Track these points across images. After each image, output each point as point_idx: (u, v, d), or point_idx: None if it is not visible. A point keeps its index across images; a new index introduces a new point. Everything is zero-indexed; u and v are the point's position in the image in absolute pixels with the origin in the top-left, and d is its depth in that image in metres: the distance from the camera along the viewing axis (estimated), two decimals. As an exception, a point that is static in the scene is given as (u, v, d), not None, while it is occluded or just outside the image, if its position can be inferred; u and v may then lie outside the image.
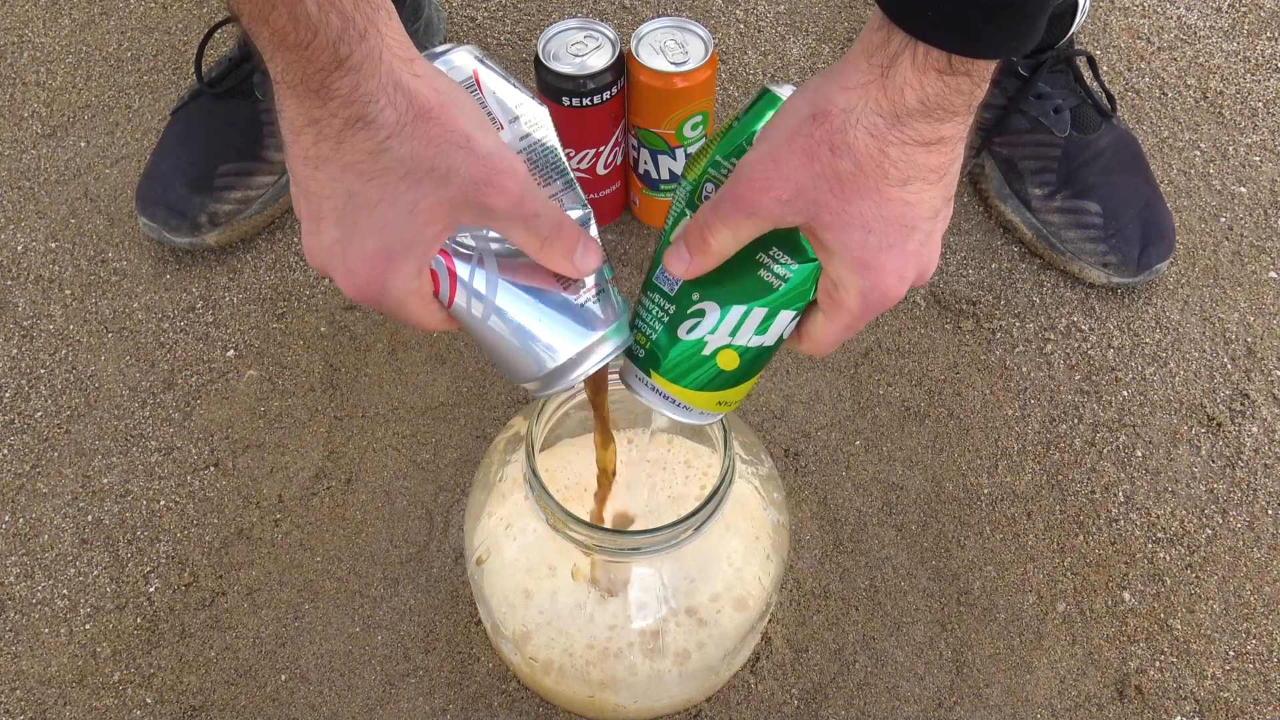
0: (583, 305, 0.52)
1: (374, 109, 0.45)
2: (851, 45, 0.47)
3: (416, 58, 0.47)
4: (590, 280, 0.52)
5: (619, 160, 0.95)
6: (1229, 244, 0.99)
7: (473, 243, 0.51)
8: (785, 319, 0.53)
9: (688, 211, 0.53)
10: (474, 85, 0.51)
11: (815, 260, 0.51)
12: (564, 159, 0.54)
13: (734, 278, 0.52)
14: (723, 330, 0.53)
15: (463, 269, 0.51)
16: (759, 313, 0.52)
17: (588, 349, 0.52)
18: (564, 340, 0.52)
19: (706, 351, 0.53)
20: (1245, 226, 1.00)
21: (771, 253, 0.51)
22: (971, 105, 0.46)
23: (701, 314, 0.53)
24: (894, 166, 0.46)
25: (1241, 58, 1.13)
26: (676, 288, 0.53)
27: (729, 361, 0.54)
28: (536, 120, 0.52)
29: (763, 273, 0.52)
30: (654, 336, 0.54)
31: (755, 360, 0.54)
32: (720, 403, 0.56)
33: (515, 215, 0.48)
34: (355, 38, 0.44)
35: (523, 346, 0.52)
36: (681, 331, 0.53)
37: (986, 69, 0.45)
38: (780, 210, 0.47)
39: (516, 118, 0.52)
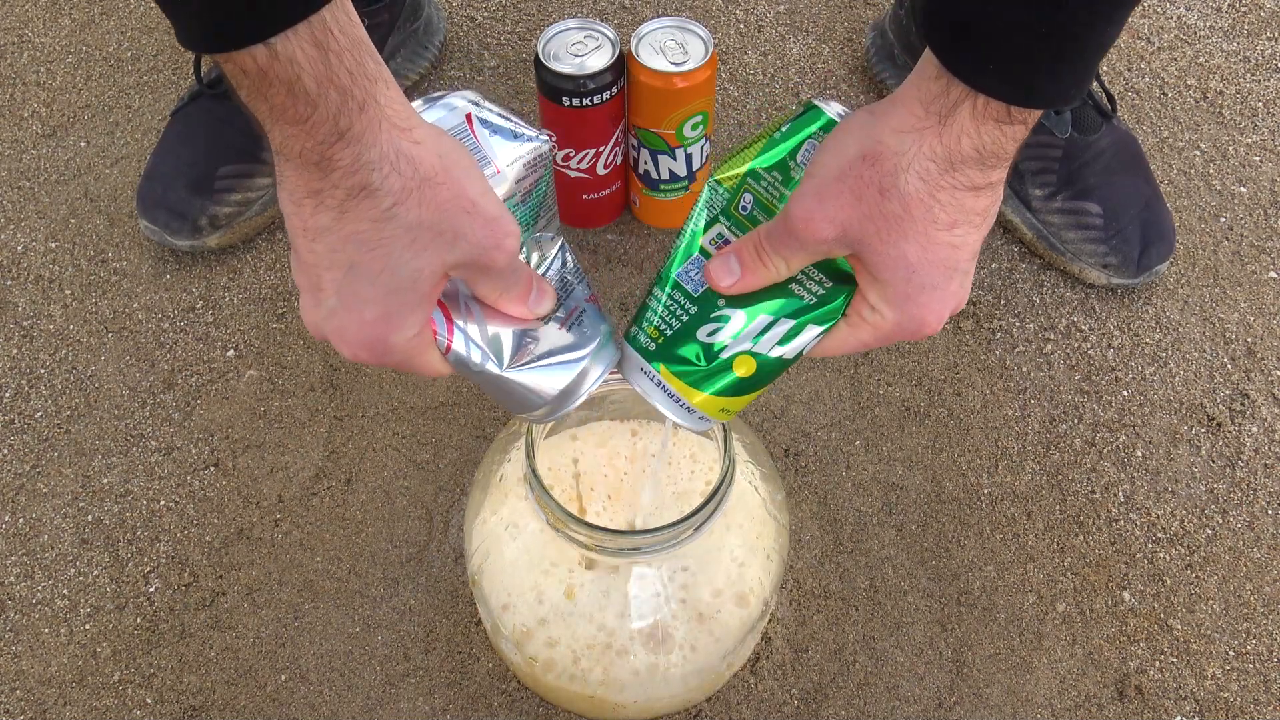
0: (561, 334, 0.53)
1: (378, 177, 0.45)
2: (902, 86, 0.47)
3: (416, 125, 0.47)
4: (561, 312, 0.54)
5: (619, 160, 0.95)
6: (1229, 244, 0.99)
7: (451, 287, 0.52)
8: (811, 334, 0.53)
9: (722, 219, 0.53)
10: (466, 129, 0.52)
11: (853, 284, 0.51)
12: (551, 195, 0.56)
13: (767, 289, 0.52)
14: (745, 337, 0.53)
15: (458, 316, 0.52)
16: (785, 324, 0.52)
17: (576, 379, 0.53)
18: (552, 377, 0.53)
19: (725, 356, 0.53)
20: (1245, 226, 1.00)
21: (808, 270, 0.52)
22: (1018, 149, 0.47)
23: (725, 319, 0.53)
24: (943, 211, 0.47)
25: (1241, 58, 1.13)
26: (702, 289, 0.53)
27: (746, 368, 0.54)
28: (532, 161, 0.54)
29: (796, 288, 0.52)
30: (669, 333, 0.54)
31: (772, 370, 0.54)
32: (723, 409, 0.56)
33: (505, 275, 0.50)
34: (355, 110, 0.44)
35: (515, 390, 0.53)
36: (702, 334, 0.53)
37: (1038, 114, 0.46)
38: (826, 247, 0.48)
39: (513, 161, 0.53)
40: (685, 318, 0.54)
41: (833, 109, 0.51)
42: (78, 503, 0.84)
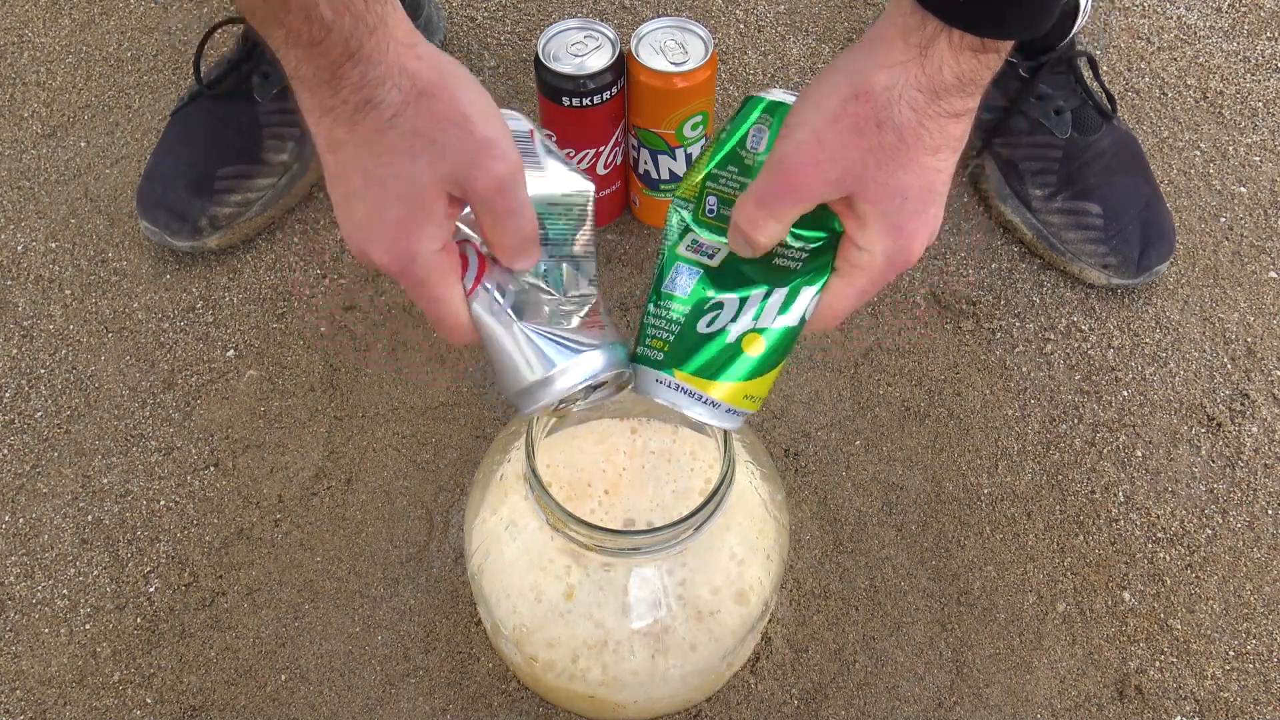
0: (581, 328, 0.54)
1: (381, 92, 0.48)
2: (877, 24, 0.50)
3: (420, 43, 0.50)
4: (585, 313, 0.55)
5: (619, 160, 0.95)
6: (1229, 244, 0.99)
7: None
8: (807, 295, 0.54)
9: (694, 228, 0.54)
10: (529, 139, 0.54)
11: (834, 232, 0.52)
12: (589, 235, 0.57)
13: (752, 266, 0.53)
14: (745, 316, 0.54)
15: (490, 270, 0.53)
16: (780, 293, 0.53)
17: (577, 362, 0.53)
18: (557, 351, 0.53)
19: (731, 339, 0.54)
20: (1245, 226, 1.00)
21: (786, 239, 0.53)
22: (992, 76, 0.50)
23: (720, 306, 0.54)
24: (930, 137, 0.49)
25: (1241, 58, 1.13)
26: (690, 288, 0.54)
27: (755, 346, 0.54)
28: (573, 195, 0.55)
29: (778, 260, 0.53)
30: (671, 339, 0.55)
31: (782, 343, 0.54)
32: (747, 397, 0.56)
33: (492, 202, 0.51)
34: (365, 33, 0.48)
35: (524, 350, 0.53)
36: (702, 326, 0.54)
37: (1011, 45, 0.49)
38: (827, 189, 0.50)
39: (565, 175, 0.55)
40: (682, 319, 0.54)
41: (772, 93, 0.53)
42: (78, 503, 0.84)
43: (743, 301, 0.53)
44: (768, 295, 0.53)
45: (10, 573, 0.81)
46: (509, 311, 0.53)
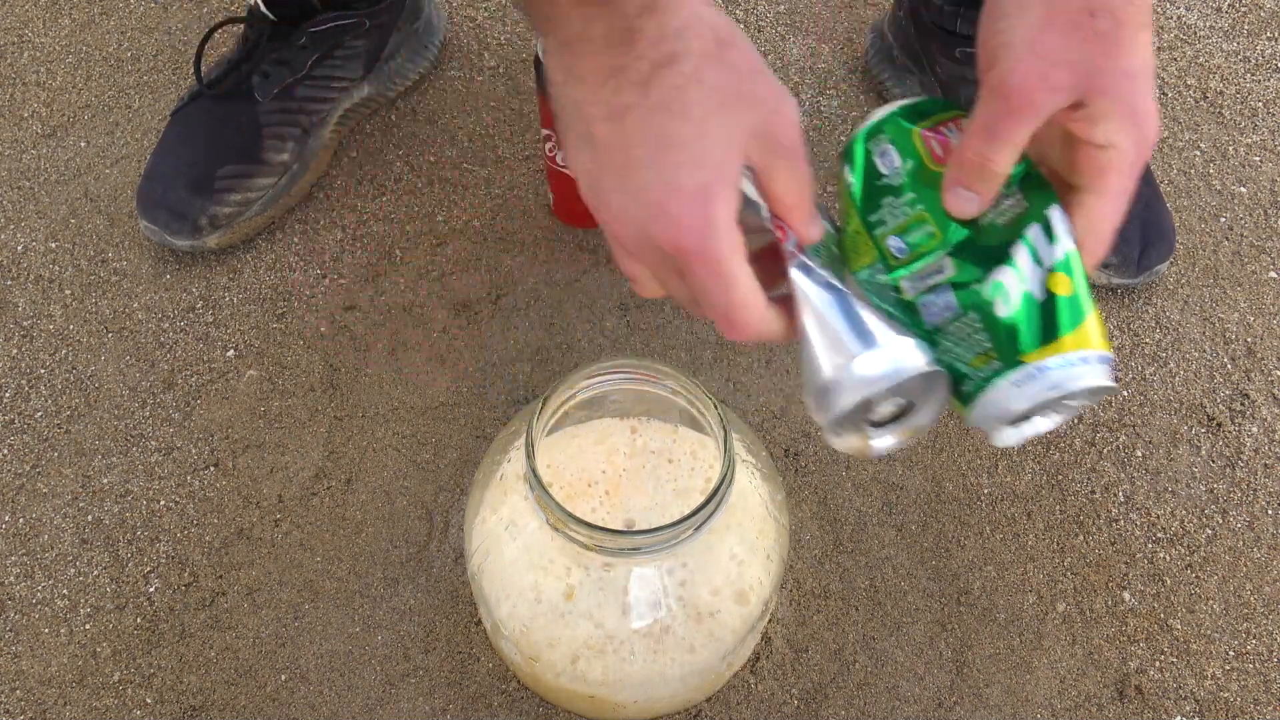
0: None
1: (683, 44, 0.45)
2: None
3: None
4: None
5: None
6: (1229, 244, 0.99)
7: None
8: (1057, 216, 0.50)
9: (898, 278, 0.51)
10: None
11: (1024, 159, 0.51)
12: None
13: (983, 243, 0.50)
14: (1028, 270, 0.49)
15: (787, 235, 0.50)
16: (1035, 228, 0.50)
17: (910, 352, 0.50)
18: (890, 333, 0.50)
19: (1039, 296, 0.49)
20: (1245, 226, 1.00)
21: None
22: None
23: (999, 280, 0.50)
24: (1137, 13, 0.49)
25: (1241, 58, 1.13)
26: (955, 303, 0.51)
27: (1063, 286, 0.50)
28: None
29: (1000, 217, 0.51)
30: (988, 344, 0.50)
31: (1077, 266, 0.50)
32: (1094, 338, 0.50)
33: (795, 151, 0.48)
34: None
35: (847, 327, 0.49)
36: (1002, 311, 0.50)
37: None
38: (1059, 97, 0.49)
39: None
40: (979, 323, 0.50)
41: (861, 126, 0.51)
42: (78, 503, 0.84)
43: (1012, 262, 0.49)
44: (1024, 240, 0.50)
45: (10, 573, 0.81)
46: (832, 279, 0.48)
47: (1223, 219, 1.01)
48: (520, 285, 0.95)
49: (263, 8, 0.95)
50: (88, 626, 0.79)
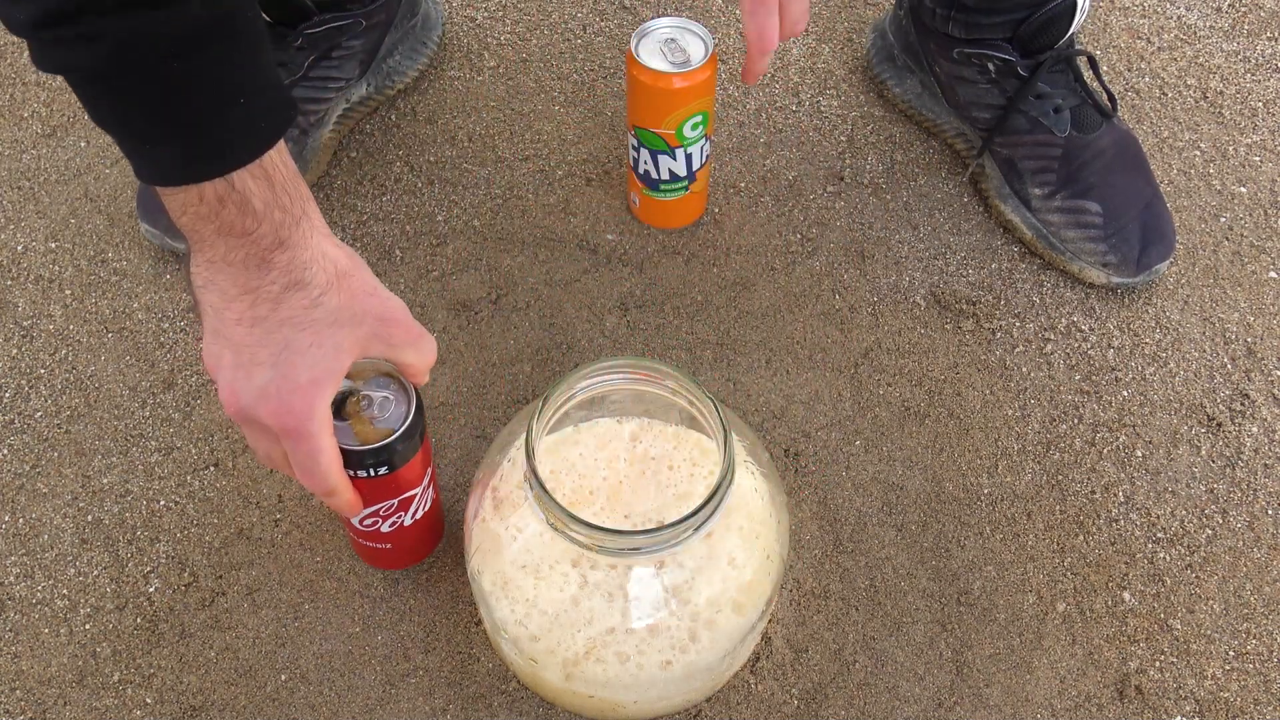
0: None
1: (309, 274, 0.58)
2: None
3: (329, 232, 0.60)
4: None
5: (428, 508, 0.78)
6: (1229, 244, 0.99)
7: None
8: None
9: None
10: None
11: None
12: None
13: None
14: None
15: None
16: None
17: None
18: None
19: None
20: (1245, 226, 1.00)
21: None
22: None
23: None
24: None
25: (1241, 58, 1.13)
26: None
27: None
28: None
29: None
30: None
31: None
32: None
33: (409, 331, 0.63)
34: (292, 224, 0.57)
35: None
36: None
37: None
38: None
39: None
40: None
41: None
42: (78, 503, 0.84)
43: None
44: None
45: (10, 573, 0.81)
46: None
47: (1223, 219, 1.01)
48: (520, 285, 0.95)
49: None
50: (88, 626, 0.79)
